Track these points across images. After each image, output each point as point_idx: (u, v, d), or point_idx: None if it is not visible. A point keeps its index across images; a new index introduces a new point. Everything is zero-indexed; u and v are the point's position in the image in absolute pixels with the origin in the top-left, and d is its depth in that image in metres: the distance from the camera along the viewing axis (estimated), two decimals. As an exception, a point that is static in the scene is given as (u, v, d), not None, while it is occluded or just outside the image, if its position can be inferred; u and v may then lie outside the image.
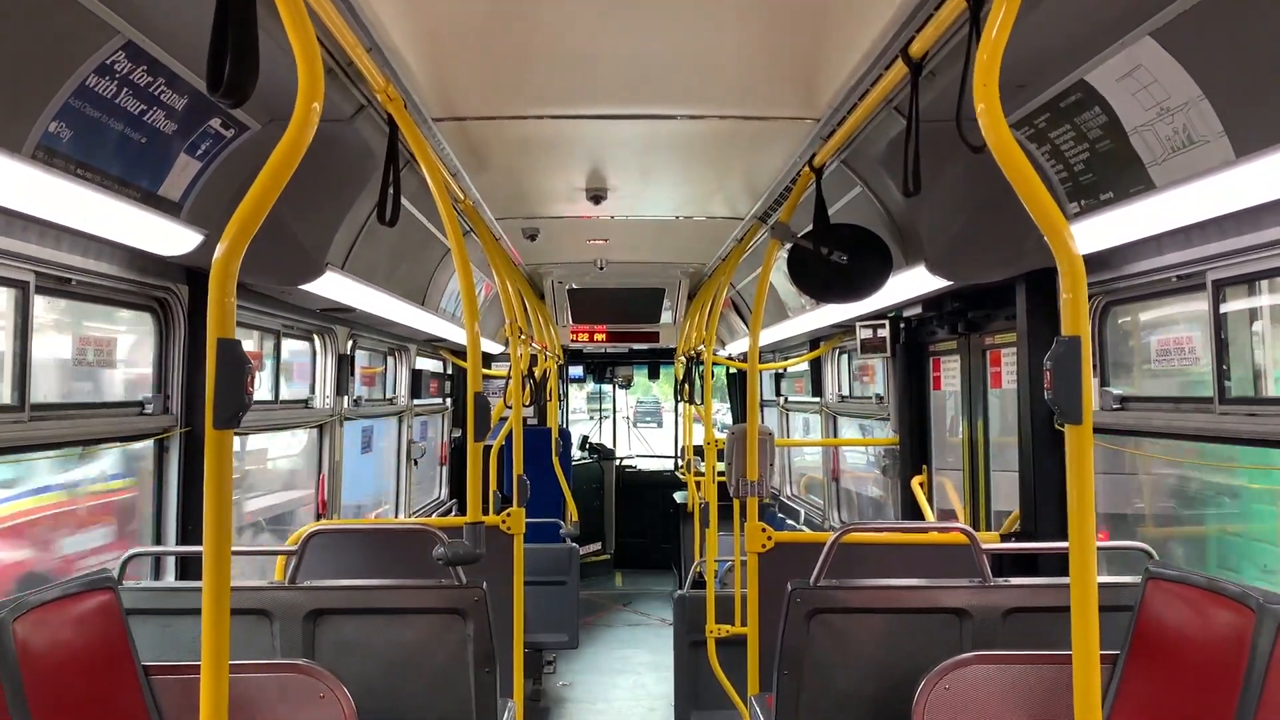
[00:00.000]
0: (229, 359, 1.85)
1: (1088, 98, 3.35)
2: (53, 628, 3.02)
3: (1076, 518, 1.88)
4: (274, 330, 5.98)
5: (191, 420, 4.54)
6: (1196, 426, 3.84)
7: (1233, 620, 2.97)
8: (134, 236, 3.70)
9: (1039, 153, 3.84)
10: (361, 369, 7.82)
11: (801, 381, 10.58)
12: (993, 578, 3.94)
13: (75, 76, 2.84)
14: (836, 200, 5.10)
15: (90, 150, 3.12)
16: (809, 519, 10.02)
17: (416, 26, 3.05)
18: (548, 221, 6.36)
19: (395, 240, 5.56)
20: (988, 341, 5.85)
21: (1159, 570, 3.45)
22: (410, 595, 4.03)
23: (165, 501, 4.55)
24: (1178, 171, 3.19)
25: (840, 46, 3.19)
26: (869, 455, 8.42)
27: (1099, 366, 4.59)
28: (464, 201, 4.97)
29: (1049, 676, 3.41)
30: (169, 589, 4.14)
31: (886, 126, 4.03)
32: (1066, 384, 1.87)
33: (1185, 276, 3.88)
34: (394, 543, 5.14)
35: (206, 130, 3.61)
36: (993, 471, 5.92)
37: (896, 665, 3.82)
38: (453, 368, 10.68)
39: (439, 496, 10.59)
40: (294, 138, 1.96)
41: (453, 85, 3.63)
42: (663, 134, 4.33)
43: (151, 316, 4.49)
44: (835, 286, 4.33)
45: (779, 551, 4.68)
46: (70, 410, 3.92)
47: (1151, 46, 2.91)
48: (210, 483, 1.86)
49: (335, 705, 3.37)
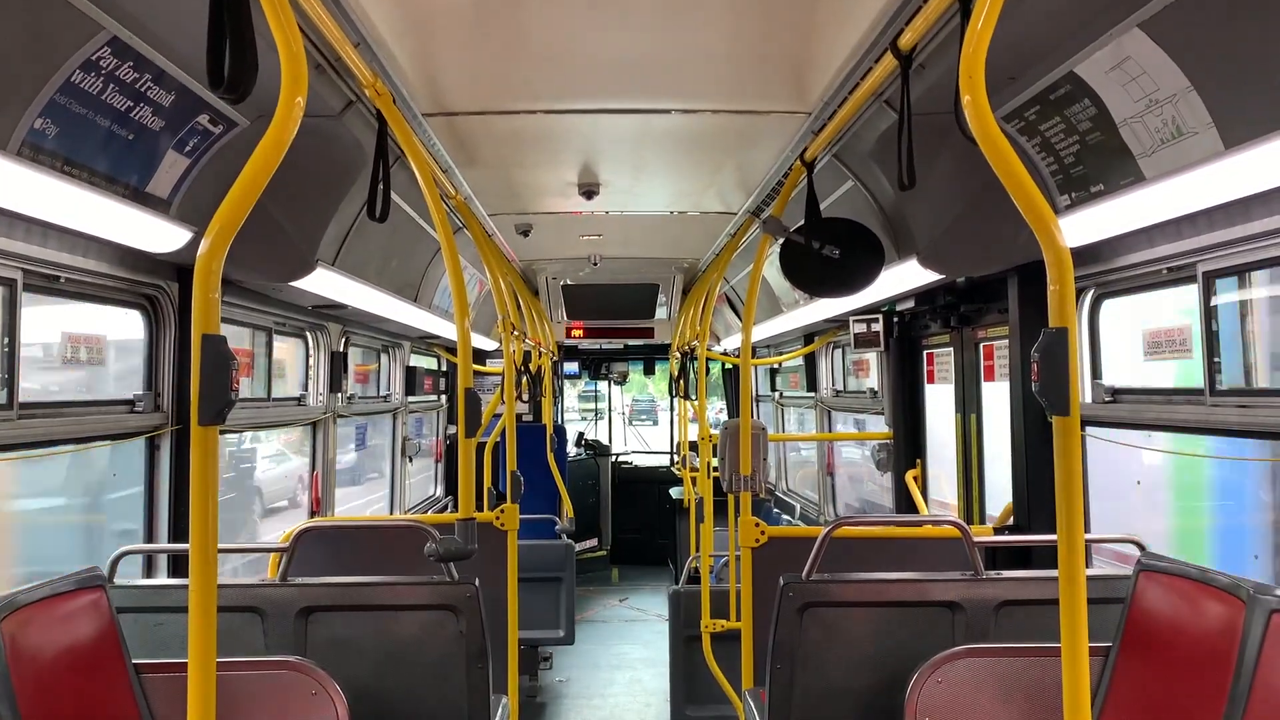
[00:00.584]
0: (214, 355, 1.85)
1: (1077, 90, 3.35)
2: (42, 626, 3.01)
3: (1065, 509, 1.89)
4: (265, 327, 5.97)
5: (182, 418, 4.53)
6: (1188, 418, 3.85)
7: (1223, 611, 2.98)
8: (122, 233, 3.68)
9: (1029, 145, 3.84)
10: (355, 366, 7.81)
11: (797, 376, 10.58)
12: (985, 571, 3.95)
13: (61, 73, 2.83)
14: (828, 194, 5.10)
15: (77, 147, 3.10)
16: (804, 514, 10.03)
17: (405, 20, 3.04)
18: (540, 217, 6.35)
19: (387, 236, 5.54)
20: (980, 335, 5.85)
21: (1150, 562, 3.45)
22: (402, 592, 4.02)
23: (156, 499, 4.54)
24: (1167, 163, 3.19)
25: (830, 40, 3.18)
26: (864, 449, 8.43)
27: (1091, 359, 4.59)
28: (455, 197, 4.95)
29: (1041, 669, 3.41)
30: (159, 587, 4.13)
31: (877, 120, 4.02)
32: (1054, 376, 1.87)
33: (1176, 269, 3.88)
34: (386, 540, 5.13)
35: (194, 127, 3.60)
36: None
37: (889, 658, 3.83)
38: (447, 364, 10.67)
39: (434, 493, 10.59)
40: (278, 133, 1.95)
41: (442, 80, 3.62)
42: (655, 129, 4.33)
43: (141, 314, 4.47)
44: (828, 281, 4.32)
45: (773, 546, 4.69)
46: (59, 409, 3.91)
47: (1140, 38, 2.90)
48: (196, 479, 1.86)
49: (328, 702, 3.36)
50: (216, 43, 2.00)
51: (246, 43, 2.01)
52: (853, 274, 4.28)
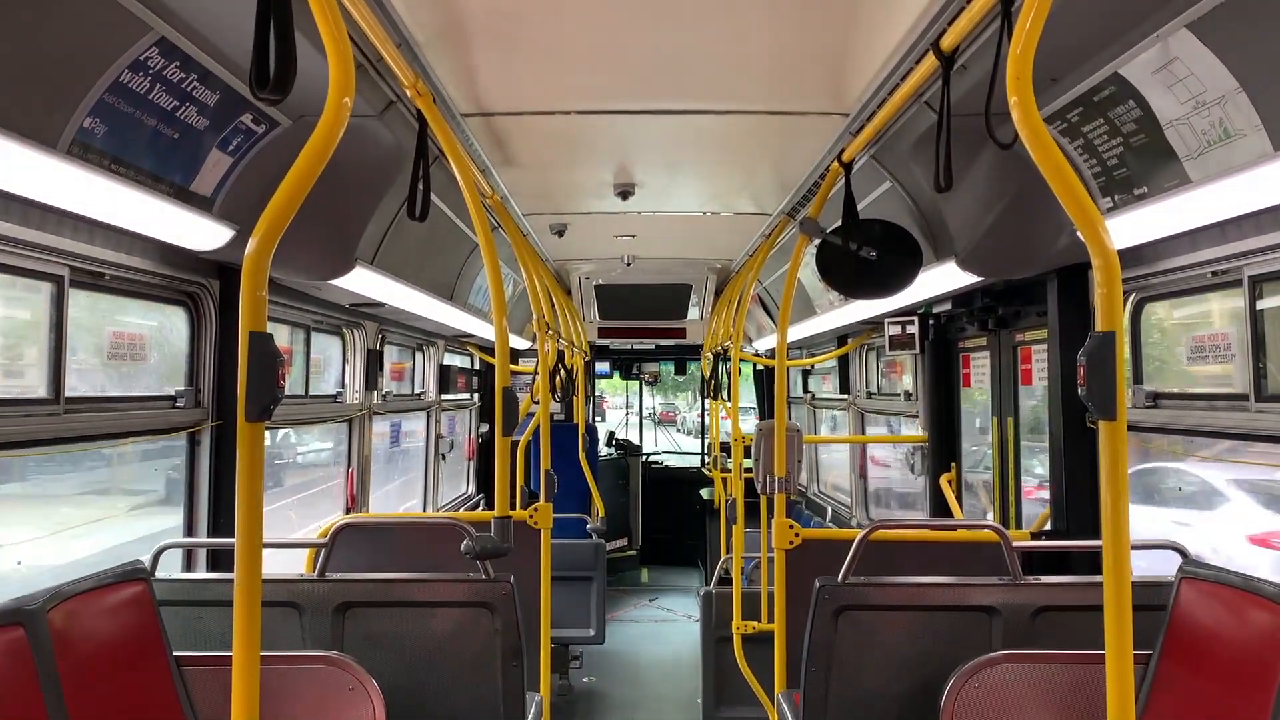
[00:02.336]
0: (261, 352, 1.87)
1: (1121, 91, 3.31)
2: (87, 618, 3.06)
3: (1110, 515, 1.86)
4: (304, 325, 6.03)
5: (222, 414, 4.59)
6: (1231, 424, 3.79)
7: (1268, 621, 2.93)
8: (166, 231, 3.73)
9: (1071, 147, 3.80)
10: (390, 364, 7.86)
11: (829, 378, 10.54)
12: (1023, 576, 3.91)
13: (110, 73, 2.87)
14: (865, 195, 5.07)
15: (124, 146, 3.15)
16: (836, 516, 9.98)
17: (445, 22, 3.06)
18: (575, 217, 6.36)
19: (424, 236, 5.58)
20: (1018, 338, 5.79)
21: (1192, 569, 3.41)
22: (438, 589, 4.05)
23: (197, 494, 4.60)
24: (1214, 166, 3.14)
25: (870, 40, 3.17)
26: (897, 453, 8.37)
27: (1133, 363, 4.54)
28: (492, 197, 4.98)
29: (1080, 676, 3.38)
30: (200, 580, 4.19)
31: (916, 121, 3.99)
32: (1100, 380, 1.85)
33: (1221, 272, 3.82)
34: (422, 537, 5.16)
35: (238, 126, 3.64)
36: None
37: (925, 663, 3.80)
38: (480, 363, 10.71)
39: (466, 492, 10.64)
40: (325, 133, 1.97)
41: (481, 81, 3.64)
42: (691, 129, 4.32)
43: (183, 310, 4.53)
44: (864, 282, 4.30)
45: (806, 548, 4.67)
46: (103, 404, 3.97)
47: (1187, 38, 2.86)
48: (242, 475, 1.88)
49: (364, 697, 3.39)
50: (261, 45, 2.02)
51: (290, 45, 2.03)
52: (890, 276, 4.25)
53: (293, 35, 2.02)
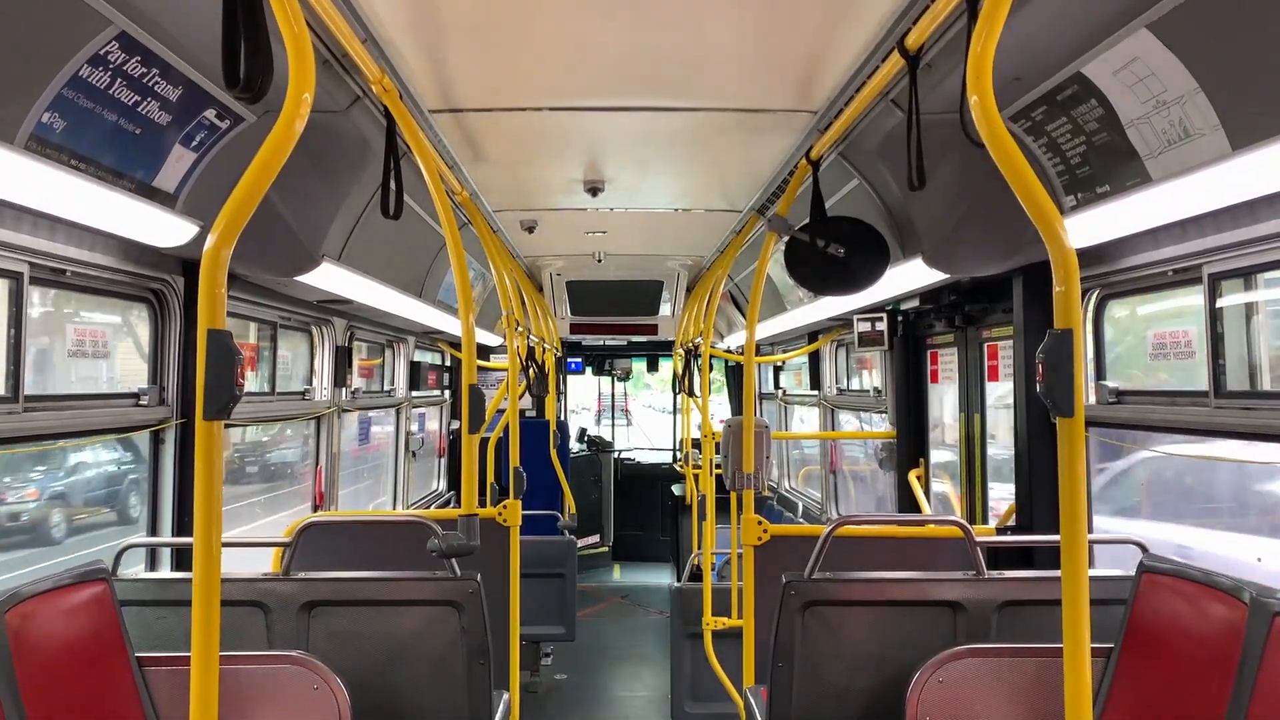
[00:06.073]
0: (219, 350, 1.86)
1: (1084, 90, 3.34)
2: (46, 619, 3.02)
3: (1068, 510, 1.89)
4: (271, 322, 5.98)
5: (187, 412, 4.54)
6: (1192, 420, 3.84)
7: (1226, 614, 2.97)
8: (129, 228, 3.69)
9: (1036, 145, 3.83)
10: (359, 361, 7.81)
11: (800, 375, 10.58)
12: (987, 571, 3.95)
13: (68, 67, 2.83)
14: (833, 193, 5.09)
15: (84, 141, 3.11)
16: (807, 512, 10.03)
17: (412, 17, 3.04)
18: (545, 214, 6.35)
19: (392, 232, 5.54)
20: (985, 335, 5.84)
21: (1152, 564, 3.45)
22: (404, 587, 4.03)
23: (161, 493, 4.55)
24: (1174, 164, 3.18)
25: (837, 39, 3.18)
26: (867, 448, 8.43)
27: (1095, 360, 4.59)
28: (461, 193, 4.96)
29: (1042, 669, 3.41)
30: (162, 580, 4.14)
31: (884, 119, 4.02)
32: (1058, 377, 1.87)
33: (1181, 270, 3.87)
34: (389, 535, 5.13)
35: (201, 121, 3.60)
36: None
37: (890, 658, 3.83)
38: (451, 359, 10.67)
39: (437, 488, 10.60)
40: (285, 128, 1.96)
41: (449, 76, 3.62)
42: (660, 126, 4.32)
43: (147, 308, 4.48)
44: (832, 279, 4.32)
45: (775, 544, 4.69)
46: (65, 401, 3.92)
47: (1148, 39, 2.89)
48: (201, 473, 1.87)
49: (329, 697, 3.37)
50: (231, 42, 2.00)
51: (261, 42, 2.01)
52: (857, 273, 4.27)
53: (265, 33, 2.00)
